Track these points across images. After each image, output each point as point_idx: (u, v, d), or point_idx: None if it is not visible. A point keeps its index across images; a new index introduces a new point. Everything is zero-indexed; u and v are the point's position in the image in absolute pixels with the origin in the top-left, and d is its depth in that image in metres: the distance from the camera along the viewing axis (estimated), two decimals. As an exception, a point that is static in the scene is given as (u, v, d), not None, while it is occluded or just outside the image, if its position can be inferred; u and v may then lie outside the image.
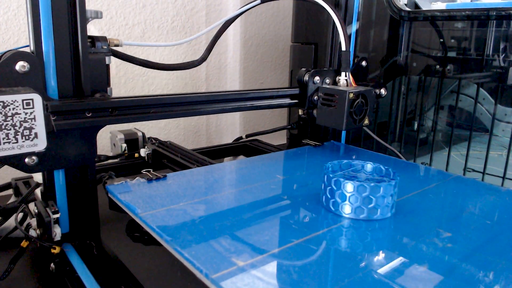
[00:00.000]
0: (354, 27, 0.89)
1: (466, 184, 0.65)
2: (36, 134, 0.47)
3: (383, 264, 0.41)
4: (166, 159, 0.80)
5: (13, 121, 0.45)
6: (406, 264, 0.41)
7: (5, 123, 0.44)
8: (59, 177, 0.54)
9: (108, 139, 0.90)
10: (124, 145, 0.83)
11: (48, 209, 0.52)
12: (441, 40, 0.91)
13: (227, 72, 1.26)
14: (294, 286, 0.37)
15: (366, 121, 0.74)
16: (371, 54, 0.95)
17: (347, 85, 0.75)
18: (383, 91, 0.79)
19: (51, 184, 0.54)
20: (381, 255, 0.43)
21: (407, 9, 0.90)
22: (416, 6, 0.95)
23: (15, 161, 0.48)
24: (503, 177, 0.82)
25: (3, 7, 0.86)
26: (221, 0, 1.17)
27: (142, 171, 0.63)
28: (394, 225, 0.50)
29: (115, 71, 1.02)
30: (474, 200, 0.59)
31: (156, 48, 1.08)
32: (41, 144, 0.48)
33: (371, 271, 0.40)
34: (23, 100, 0.45)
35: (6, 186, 0.70)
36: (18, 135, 0.46)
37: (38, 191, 0.58)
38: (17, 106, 0.45)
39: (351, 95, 0.69)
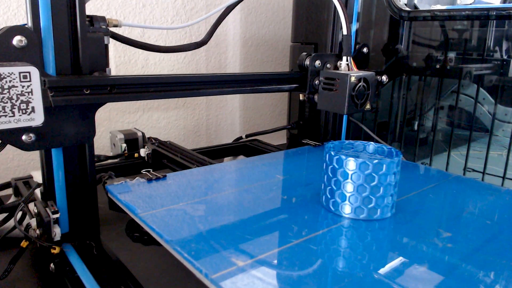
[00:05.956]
0: (354, 27, 0.89)
1: (466, 184, 0.65)
2: (33, 108, 0.46)
3: (383, 264, 0.41)
4: (166, 159, 0.80)
5: (9, 94, 0.45)
6: (406, 264, 0.41)
7: (1, 96, 0.44)
8: (59, 177, 0.54)
9: (108, 139, 0.90)
10: (124, 145, 0.83)
11: (47, 209, 0.52)
12: (441, 39, 0.91)
13: (227, 72, 1.26)
14: (293, 286, 0.37)
15: (368, 106, 0.73)
16: (371, 54, 0.94)
17: (348, 70, 0.75)
18: (384, 78, 0.79)
19: (51, 184, 0.54)
20: (381, 255, 0.43)
21: (407, 9, 0.90)
22: (416, 7, 0.95)
23: (12, 137, 0.47)
24: (503, 177, 0.82)
25: (3, 7, 0.86)
26: (221, 0, 1.17)
27: (142, 171, 0.63)
28: (394, 225, 0.50)
29: (114, 71, 1.01)
30: (474, 200, 0.59)
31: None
32: (38, 118, 0.47)
33: (371, 271, 0.40)
34: (20, 73, 0.45)
35: (6, 186, 0.70)
36: (14, 108, 0.45)
37: (37, 191, 0.58)
38: (14, 79, 0.44)
39: (353, 78, 0.68)
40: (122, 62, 1.02)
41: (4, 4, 0.86)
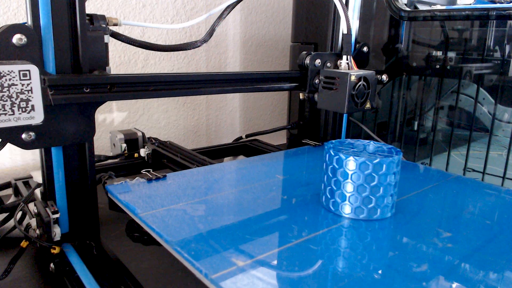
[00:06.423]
0: (354, 27, 0.89)
1: (466, 184, 0.65)
2: (33, 106, 0.46)
3: (383, 264, 0.41)
4: (166, 159, 0.80)
5: (9, 92, 0.45)
6: (406, 264, 0.41)
7: (1, 94, 0.44)
8: (59, 177, 0.54)
9: (108, 139, 0.90)
10: (124, 145, 0.83)
11: (47, 209, 0.52)
12: (441, 39, 0.91)
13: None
14: (293, 286, 0.37)
15: (368, 105, 0.73)
16: (371, 54, 0.95)
17: (348, 69, 0.75)
18: (384, 77, 0.78)
19: (51, 184, 0.54)
20: (381, 255, 0.43)
21: (407, 9, 0.90)
22: (416, 7, 0.95)
23: (12, 136, 0.47)
24: (503, 177, 0.82)
25: (3, 7, 0.86)
26: (221, 0, 1.17)
27: (142, 171, 0.63)
28: (394, 225, 0.50)
29: (114, 71, 1.01)
30: (474, 200, 0.59)
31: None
32: (38, 117, 0.47)
33: (371, 271, 0.40)
34: (19, 71, 0.45)
35: (6, 186, 0.70)
36: (14, 106, 0.45)
37: (37, 191, 0.58)
38: (14, 77, 0.45)
39: (353, 77, 0.68)
40: (122, 62, 1.02)
41: (4, 4, 0.86)
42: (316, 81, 0.75)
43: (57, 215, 0.52)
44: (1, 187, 0.70)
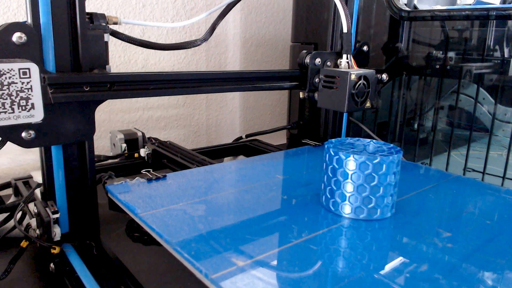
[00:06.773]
0: (354, 27, 0.89)
1: (466, 184, 0.65)
2: (32, 104, 0.46)
3: (383, 264, 0.41)
4: (166, 159, 0.80)
5: (9, 91, 0.45)
6: (406, 264, 0.41)
7: (1, 92, 0.44)
8: (59, 176, 0.54)
9: (108, 139, 0.90)
10: (124, 145, 0.83)
11: (47, 209, 0.52)
12: (441, 39, 0.91)
13: (227, 72, 1.26)
14: (293, 286, 0.37)
15: (368, 104, 0.73)
16: (371, 54, 0.95)
17: (348, 68, 0.75)
18: (384, 76, 0.79)
19: (51, 184, 0.54)
20: (381, 255, 0.43)
21: (407, 9, 0.90)
22: (416, 7, 0.95)
23: (12, 134, 0.47)
24: (503, 177, 0.82)
25: (3, 7, 0.86)
26: (221, 0, 1.17)
27: (142, 171, 0.63)
28: (394, 225, 0.50)
29: (114, 71, 1.01)
30: (474, 200, 0.59)
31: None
32: (38, 115, 0.47)
33: (371, 271, 0.40)
34: (19, 69, 0.45)
35: (6, 186, 0.70)
36: (14, 105, 0.45)
37: (37, 191, 0.58)
38: (14, 75, 0.44)
39: (353, 76, 0.68)
40: (122, 62, 1.02)
41: (4, 4, 0.86)
42: (316, 80, 0.75)
43: (57, 215, 0.52)
44: (1, 187, 0.70)
